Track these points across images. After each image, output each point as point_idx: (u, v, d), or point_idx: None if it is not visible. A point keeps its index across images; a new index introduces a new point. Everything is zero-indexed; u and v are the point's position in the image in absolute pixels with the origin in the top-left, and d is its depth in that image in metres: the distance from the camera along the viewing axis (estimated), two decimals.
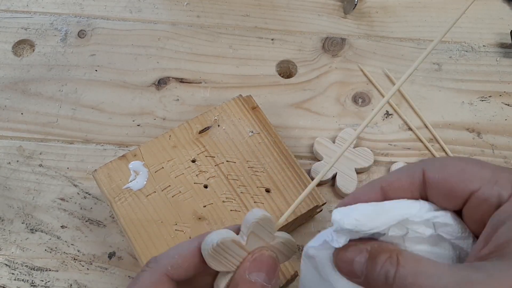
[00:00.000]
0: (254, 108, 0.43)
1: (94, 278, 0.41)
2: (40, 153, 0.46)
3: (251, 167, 0.40)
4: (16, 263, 0.41)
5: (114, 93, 0.49)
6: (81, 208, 0.43)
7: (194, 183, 0.39)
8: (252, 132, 0.42)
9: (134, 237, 0.37)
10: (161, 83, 0.50)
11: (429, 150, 0.47)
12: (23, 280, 0.40)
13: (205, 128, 0.42)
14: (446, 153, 0.47)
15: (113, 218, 0.43)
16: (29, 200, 0.43)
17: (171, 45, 0.52)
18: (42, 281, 0.40)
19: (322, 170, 0.44)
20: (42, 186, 0.44)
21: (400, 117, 0.49)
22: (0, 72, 0.50)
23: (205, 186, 0.39)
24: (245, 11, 0.55)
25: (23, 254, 0.41)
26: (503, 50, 0.53)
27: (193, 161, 0.40)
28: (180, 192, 0.39)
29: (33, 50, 0.51)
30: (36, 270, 0.41)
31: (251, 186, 0.39)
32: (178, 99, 0.49)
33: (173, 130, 0.41)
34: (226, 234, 0.26)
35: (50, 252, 0.41)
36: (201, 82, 0.50)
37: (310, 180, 0.40)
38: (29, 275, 0.40)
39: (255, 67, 0.51)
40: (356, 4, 0.53)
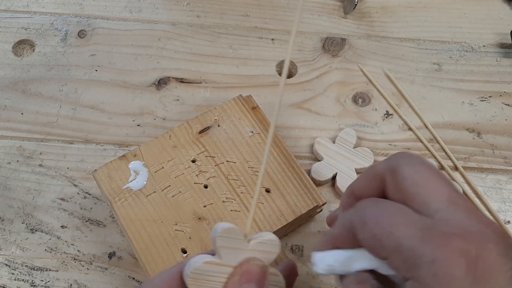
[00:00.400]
0: (254, 108, 0.43)
1: (94, 278, 0.41)
2: (40, 153, 0.46)
3: (251, 167, 0.40)
4: (16, 263, 0.41)
5: (114, 93, 0.49)
6: (81, 208, 0.43)
7: (194, 183, 0.39)
8: (252, 132, 0.42)
9: (134, 237, 0.37)
10: (161, 83, 0.50)
11: (429, 150, 0.47)
12: (23, 280, 0.40)
13: (205, 128, 0.42)
14: (446, 153, 0.47)
15: (113, 218, 0.43)
16: (29, 200, 0.43)
17: (171, 45, 0.52)
18: (42, 281, 0.40)
19: (321, 170, 0.44)
20: (42, 186, 0.44)
21: (400, 117, 0.49)
22: (0, 72, 0.50)
23: (205, 186, 0.39)
24: (245, 11, 0.55)
25: (23, 254, 0.41)
26: (503, 50, 0.53)
27: (193, 161, 0.40)
28: (180, 192, 0.39)
29: (33, 50, 0.51)
30: (36, 270, 0.41)
31: (251, 186, 0.39)
32: (178, 99, 0.49)
33: (173, 130, 0.41)
34: (199, 259, 0.26)
35: (50, 252, 0.41)
36: (201, 82, 0.50)
37: (310, 180, 0.40)
38: (29, 275, 0.40)
39: (255, 67, 0.51)
40: (356, 4, 0.53)
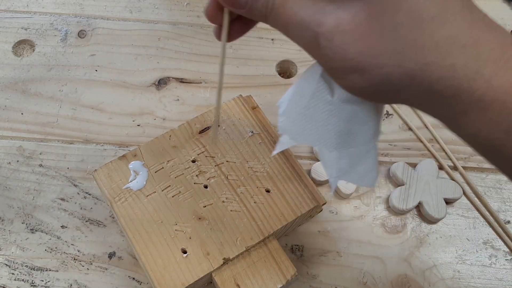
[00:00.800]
0: (254, 108, 0.43)
1: (94, 278, 0.41)
2: (40, 153, 0.46)
3: (251, 167, 0.40)
4: (16, 263, 0.41)
5: (114, 93, 0.49)
6: (81, 208, 0.43)
7: (194, 183, 0.39)
8: (252, 132, 0.42)
9: (134, 237, 0.37)
10: (161, 83, 0.50)
11: (429, 151, 0.47)
12: (23, 280, 0.40)
13: (205, 128, 0.42)
14: (446, 153, 0.47)
15: (113, 218, 0.43)
16: (29, 200, 0.43)
17: (171, 45, 0.52)
18: (42, 281, 0.40)
19: (320, 169, 0.44)
20: (42, 186, 0.44)
21: (400, 117, 0.49)
22: (0, 72, 0.50)
23: (205, 186, 0.39)
24: None
25: (23, 254, 0.41)
26: None
27: (193, 161, 0.40)
28: (180, 192, 0.39)
29: (33, 50, 0.51)
30: (36, 270, 0.41)
31: (251, 186, 0.39)
32: (178, 99, 0.49)
33: (173, 130, 0.41)
34: None
35: (50, 252, 0.41)
36: (201, 82, 0.50)
37: (310, 180, 0.40)
38: (29, 275, 0.40)
39: (255, 67, 0.51)
40: None
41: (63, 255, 0.41)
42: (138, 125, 0.48)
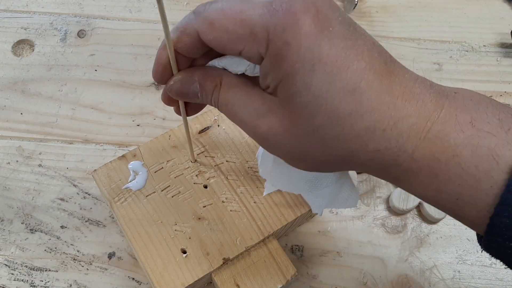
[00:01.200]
0: None
1: (94, 279, 0.41)
2: (40, 153, 0.46)
3: (251, 167, 0.40)
4: (16, 263, 0.41)
5: (114, 93, 0.49)
6: (80, 208, 0.43)
7: (194, 183, 0.39)
8: None
9: (133, 238, 0.37)
10: None
11: None
12: (22, 280, 0.40)
13: (205, 128, 0.42)
14: None
15: (113, 218, 0.43)
16: (29, 200, 0.43)
17: None
18: (42, 281, 0.40)
19: None
20: (42, 186, 0.44)
21: None
22: None
23: (205, 186, 0.39)
24: None
25: (23, 254, 0.41)
26: (503, 50, 0.53)
27: (193, 161, 0.40)
28: (179, 192, 0.39)
29: (33, 50, 0.51)
30: (36, 270, 0.41)
31: (251, 186, 0.39)
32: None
33: (173, 130, 0.41)
34: None
35: (50, 252, 0.41)
36: None
37: None
38: (29, 275, 0.40)
39: None
40: (356, 4, 0.53)
41: (62, 255, 0.41)
42: (138, 125, 0.48)
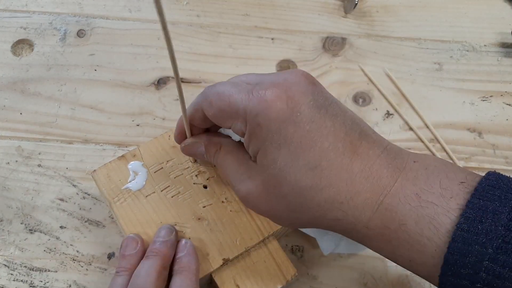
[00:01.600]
0: None
1: (93, 279, 0.40)
2: (39, 153, 0.46)
3: None
4: (15, 263, 0.41)
5: (114, 93, 0.49)
6: (80, 209, 0.43)
7: (194, 183, 0.39)
8: None
9: None
10: (160, 82, 0.50)
11: (430, 150, 0.47)
12: (22, 280, 0.40)
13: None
14: (447, 153, 0.47)
15: (112, 218, 0.43)
16: (28, 200, 0.43)
17: None
18: (41, 281, 0.40)
19: None
20: (41, 186, 0.44)
21: (401, 117, 0.49)
22: None
23: (205, 187, 0.39)
24: (245, 11, 0.54)
25: (22, 255, 0.41)
26: (504, 50, 0.53)
27: (193, 161, 0.40)
28: (179, 192, 0.39)
29: (32, 49, 0.51)
30: (35, 270, 0.41)
31: None
32: (177, 99, 0.49)
33: (172, 130, 0.41)
34: None
35: (49, 252, 0.41)
36: (201, 82, 0.50)
37: None
38: (28, 275, 0.40)
39: (255, 67, 0.51)
40: (356, 4, 0.53)
41: (62, 255, 0.41)
42: (138, 125, 0.48)
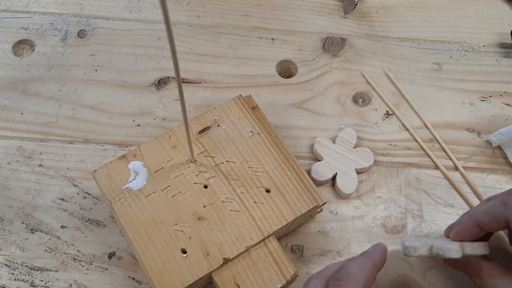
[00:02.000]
0: (254, 108, 0.43)
1: (94, 278, 0.41)
2: (40, 153, 0.46)
3: (251, 167, 0.40)
4: (16, 263, 0.41)
5: (114, 93, 0.49)
6: (81, 208, 0.43)
7: (194, 183, 0.39)
8: (252, 132, 0.42)
9: (134, 237, 0.37)
10: (161, 83, 0.50)
11: (424, 150, 0.47)
12: (23, 280, 0.40)
13: (205, 128, 0.42)
14: (446, 153, 0.47)
15: (113, 218, 0.43)
16: (29, 200, 0.43)
17: None
18: (42, 281, 0.40)
19: (320, 169, 0.44)
20: (42, 186, 0.44)
21: (398, 119, 0.49)
22: (0, 72, 0.50)
23: (205, 186, 0.39)
24: (245, 11, 0.55)
25: (23, 254, 0.41)
26: (503, 50, 0.53)
27: (193, 161, 0.40)
28: (180, 192, 0.39)
29: (33, 50, 0.51)
30: (36, 270, 0.41)
31: (251, 186, 0.39)
32: (178, 99, 0.49)
33: (173, 130, 0.41)
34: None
35: (50, 252, 0.41)
36: (201, 82, 0.50)
37: (310, 180, 0.40)
38: (29, 275, 0.40)
39: (255, 67, 0.51)
40: (356, 4, 0.53)
41: (63, 255, 0.41)
42: (138, 125, 0.48)
